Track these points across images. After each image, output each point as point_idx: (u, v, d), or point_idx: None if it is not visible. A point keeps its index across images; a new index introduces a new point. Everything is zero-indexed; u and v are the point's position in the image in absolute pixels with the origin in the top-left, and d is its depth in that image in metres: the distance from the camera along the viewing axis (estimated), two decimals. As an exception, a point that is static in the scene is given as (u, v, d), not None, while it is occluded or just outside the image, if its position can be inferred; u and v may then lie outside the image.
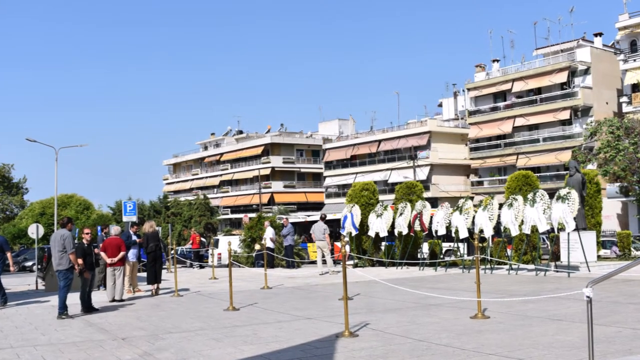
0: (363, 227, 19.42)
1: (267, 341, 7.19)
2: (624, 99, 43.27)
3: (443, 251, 19.57)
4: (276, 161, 67.34)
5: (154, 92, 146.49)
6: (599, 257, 16.60)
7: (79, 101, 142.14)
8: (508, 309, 8.91)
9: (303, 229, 27.18)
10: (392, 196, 24.14)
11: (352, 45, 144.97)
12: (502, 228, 15.42)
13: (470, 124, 52.06)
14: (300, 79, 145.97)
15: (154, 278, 13.20)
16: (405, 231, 17.90)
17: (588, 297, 4.56)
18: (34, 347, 7.42)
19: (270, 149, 67.77)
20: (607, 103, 45.51)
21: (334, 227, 22.97)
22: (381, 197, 22.80)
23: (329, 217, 22.46)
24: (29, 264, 34.01)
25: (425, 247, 19.46)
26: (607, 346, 6.11)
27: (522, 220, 14.48)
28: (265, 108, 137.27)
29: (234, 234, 39.25)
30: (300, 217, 35.81)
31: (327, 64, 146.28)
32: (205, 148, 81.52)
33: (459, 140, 54.88)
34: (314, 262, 21.42)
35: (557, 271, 14.30)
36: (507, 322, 7.86)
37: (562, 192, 13.91)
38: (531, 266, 15.21)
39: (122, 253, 12.14)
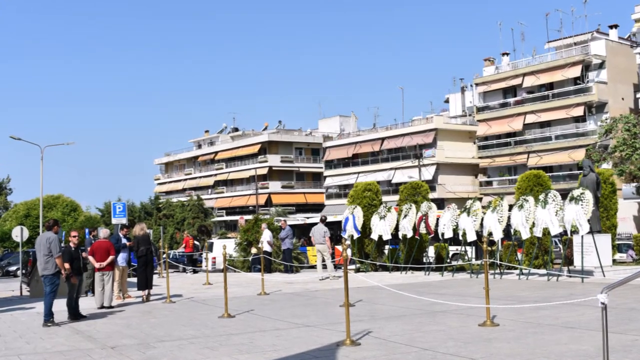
0: (365, 229, 19.43)
1: (264, 350, 7.20)
2: (641, 94, 43.36)
3: (450, 255, 19.58)
4: (274, 160, 67.39)
5: (145, 88, 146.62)
6: (614, 261, 16.60)
7: (65, 97, 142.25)
8: (518, 315, 8.91)
9: (302, 231, 27.19)
10: (396, 197, 24.15)
11: (354, 38, 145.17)
12: (512, 231, 15.41)
13: (479, 120, 52.11)
14: (300, 74, 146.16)
15: (145, 283, 13.20)
16: (410, 234, 17.90)
17: (603, 303, 4.56)
18: (17, 356, 7.43)
19: (267, 148, 67.83)
20: (623, 99, 45.58)
21: (335, 229, 22.96)
22: (384, 198, 22.80)
23: (330, 219, 22.47)
24: (13, 268, 34.01)
25: (431, 251, 19.46)
26: (623, 355, 6.11)
27: (534, 223, 14.48)
28: (262, 104, 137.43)
29: (229, 237, 39.26)
30: (299, 219, 35.83)
31: (328, 58, 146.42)
32: (199, 146, 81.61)
33: (466, 138, 54.92)
34: (313, 267, 21.45)
35: (570, 276, 14.31)
36: (518, 329, 7.86)
37: (576, 192, 13.92)
38: (543, 271, 15.21)
39: (111, 257, 12.14)
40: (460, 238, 16.55)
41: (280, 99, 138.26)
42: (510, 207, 15.58)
